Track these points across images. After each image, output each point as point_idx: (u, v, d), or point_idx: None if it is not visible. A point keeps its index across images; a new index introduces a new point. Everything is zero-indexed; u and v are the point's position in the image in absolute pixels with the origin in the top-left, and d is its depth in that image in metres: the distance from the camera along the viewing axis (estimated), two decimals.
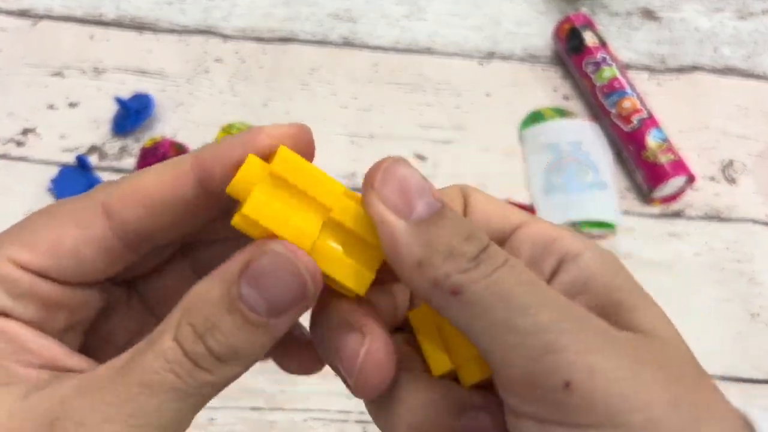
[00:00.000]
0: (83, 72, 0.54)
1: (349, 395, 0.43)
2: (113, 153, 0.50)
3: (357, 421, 0.39)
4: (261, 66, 0.55)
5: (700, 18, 0.61)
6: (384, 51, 0.57)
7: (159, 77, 0.54)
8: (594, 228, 0.47)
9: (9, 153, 0.49)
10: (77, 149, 0.50)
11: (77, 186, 0.46)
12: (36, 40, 0.55)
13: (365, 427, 0.39)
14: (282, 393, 0.40)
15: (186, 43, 0.56)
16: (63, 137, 0.50)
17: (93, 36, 0.56)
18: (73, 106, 0.52)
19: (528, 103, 0.55)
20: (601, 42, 0.54)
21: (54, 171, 0.48)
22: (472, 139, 0.52)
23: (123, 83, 0.53)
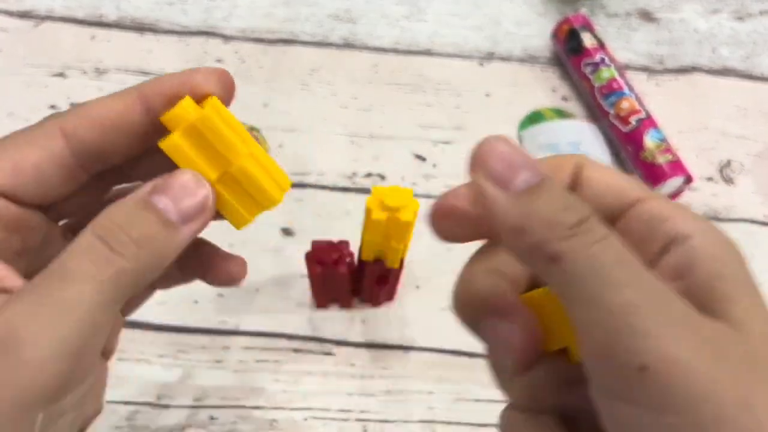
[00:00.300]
0: (84, 72, 0.54)
1: (350, 394, 0.43)
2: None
3: (357, 420, 0.40)
4: (261, 66, 0.55)
5: (698, 19, 0.61)
6: (384, 52, 0.57)
7: None
8: None
9: None
10: None
11: None
12: (37, 40, 0.56)
13: (365, 426, 0.39)
14: (282, 392, 0.40)
15: (186, 44, 0.56)
16: None
17: (94, 37, 0.56)
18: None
19: (527, 104, 0.55)
20: (600, 43, 0.54)
21: None
22: (471, 139, 0.52)
23: (124, 83, 0.53)
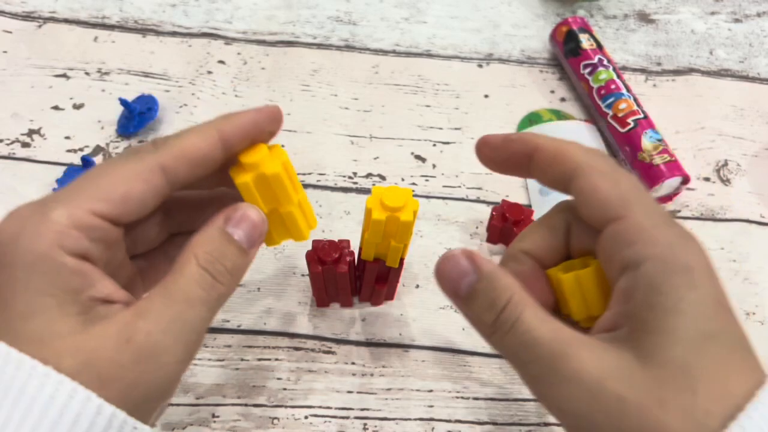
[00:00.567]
0: (87, 73, 0.55)
1: (350, 392, 0.44)
2: (118, 154, 0.50)
3: (357, 418, 0.40)
4: (263, 67, 0.56)
5: (695, 21, 0.62)
6: (384, 53, 0.58)
7: (162, 79, 0.55)
8: None
9: (14, 153, 0.50)
10: (82, 150, 0.50)
11: None
12: (40, 41, 0.56)
13: (366, 424, 0.40)
14: (283, 390, 0.41)
15: (189, 45, 0.57)
16: (68, 138, 0.51)
17: (97, 38, 0.57)
18: (78, 107, 0.53)
19: (525, 105, 0.55)
20: (598, 45, 0.55)
21: (59, 171, 0.48)
22: (471, 140, 0.53)
23: (127, 84, 0.54)
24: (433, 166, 0.51)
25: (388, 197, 0.33)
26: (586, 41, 0.55)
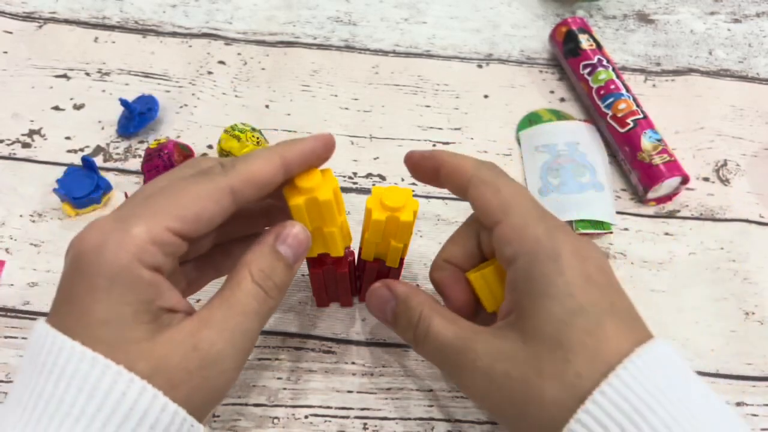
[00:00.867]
0: (88, 74, 0.55)
1: (350, 391, 0.44)
2: (118, 154, 0.50)
3: (357, 417, 0.40)
4: (263, 68, 0.56)
5: (694, 21, 0.62)
6: (384, 54, 0.58)
7: (162, 79, 0.55)
8: (590, 228, 0.47)
9: (15, 154, 0.50)
10: (82, 150, 0.50)
11: (83, 187, 0.46)
12: (41, 42, 0.56)
13: (366, 423, 0.40)
14: (284, 390, 0.41)
15: (189, 45, 0.57)
16: (68, 138, 0.51)
17: (97, 38, 0.57)
18: (78, 107, 0.53)
19: (525, 105, 0.55)
20: (597, 45, 0.55)
21: (59, 172, 0.48)
22: (470, 140, 0.53)
23: (127, 84, 0.54)
24: None
25: (388, 197, 0.33)
26: (585, 41, 0.55)
